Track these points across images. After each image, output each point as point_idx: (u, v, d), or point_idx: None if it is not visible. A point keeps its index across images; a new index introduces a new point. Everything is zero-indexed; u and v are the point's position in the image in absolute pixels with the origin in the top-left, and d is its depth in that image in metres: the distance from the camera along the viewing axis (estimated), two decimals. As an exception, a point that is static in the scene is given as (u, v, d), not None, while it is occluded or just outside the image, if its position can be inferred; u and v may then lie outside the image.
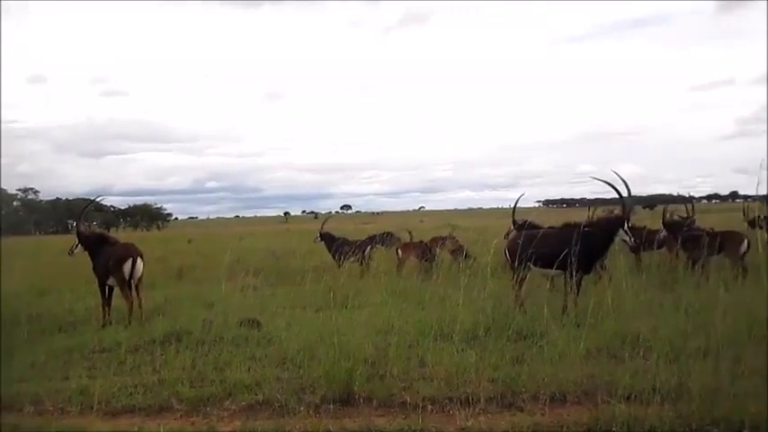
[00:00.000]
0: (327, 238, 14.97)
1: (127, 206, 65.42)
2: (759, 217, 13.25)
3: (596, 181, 8.55)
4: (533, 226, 11.94)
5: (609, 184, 8.65)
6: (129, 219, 63.67)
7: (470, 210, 65.75)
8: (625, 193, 8.44)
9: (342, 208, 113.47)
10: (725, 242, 9.88)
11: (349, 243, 14.48)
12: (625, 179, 8.47)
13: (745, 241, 9.85)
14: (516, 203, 12.33)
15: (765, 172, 5.45)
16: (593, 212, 14.67)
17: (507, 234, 12.90)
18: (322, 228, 15.28)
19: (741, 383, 4.52)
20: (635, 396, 4.58)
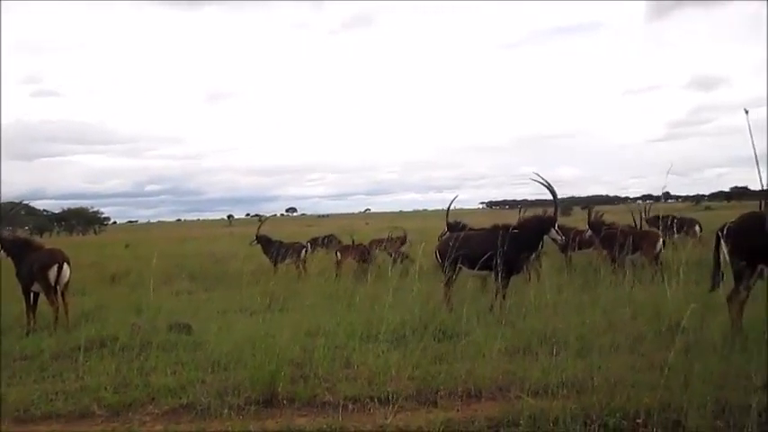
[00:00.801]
0: (264, 241, 14.96)
1: (61, 210, 63.37)
2: (659, 217, 14.06)
3: (537, 182, 8.81)
4: (465, 227, 12.31)
5: (544, 185, 8.94)
6: (63, 223, 61.54)
7: (416, 211, 66.13)
8: (559, 195, 8.81)
9: (287, 211, 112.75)
10: (641, 241, 10.35)
11: (285, 246, 14.51)
12: (560, 181, 8.88)
13: (660, 241, 10.34)
14: (450, 206, 12.68)
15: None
16: (524, 213, 15.19)
17: (441, 236, 13.20)
18: (258, 231, 15.24)
19: (640, 376, 4.80)
20: (544, 390, 4.81)
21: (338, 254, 15.21)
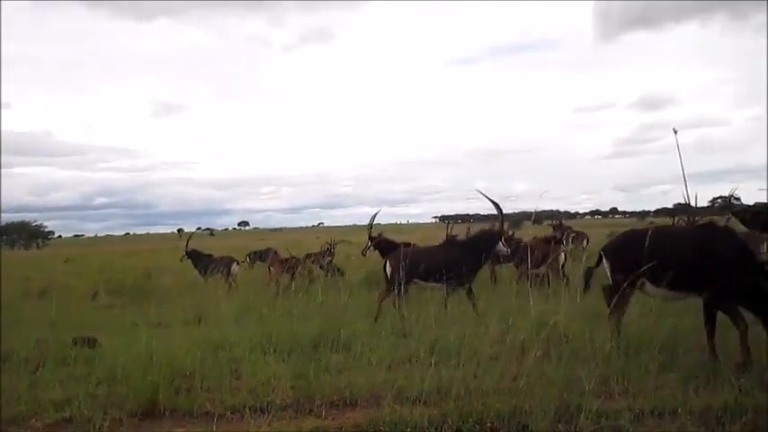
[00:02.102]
0: (194, 256, 14.96)
1: (3, 224, 61.44)
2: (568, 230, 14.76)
3: (489, 196, 9.19)
4: (388, 241, 12.62)
5: (489, 200, 9.38)
6: (4, 237, 59.74)
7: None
8: (511, 209, 9.24)
9: (239, 224, 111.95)
10: (546, 255, 10.75)
11: (214, 260, 14.55)
12: (513, 195, 9.35)
13: (563, 254, 10.74)
14: (373, 219, 13.05)
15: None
16: (469, 228, 15.68)
17: (365, 250, 13.46)
18: (187, 246, 15.24)
19: (503, 384, 5.05)
20: (417, 398, 5.01)
21: (271, 267, 15.35)
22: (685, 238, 6.32)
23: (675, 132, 19.72)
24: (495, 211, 9.38)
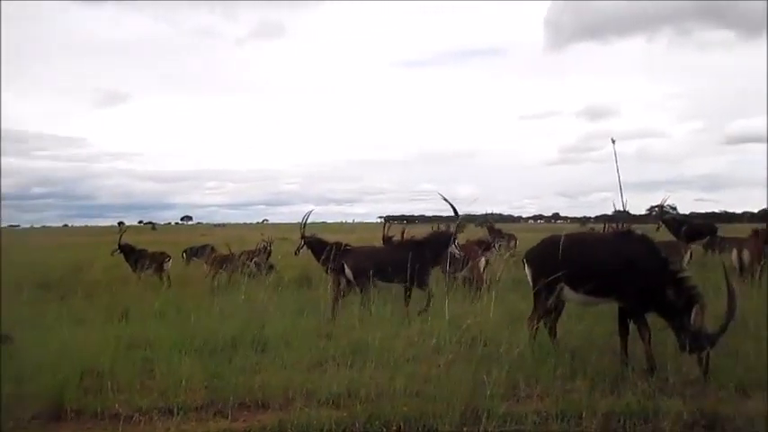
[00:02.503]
0: (126, 250, 14.56)
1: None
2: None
3: (434, 198, 9.35)
4: (320, 241, 12.60)
5: (448, 202, 9.48)
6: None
7: (314, 223, 65.65)
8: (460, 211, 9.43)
9: (182, 219, 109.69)
10: (469, 259, 10.86)
11: (147, 255, 14.20)
12: (458, 198, 9.61)
13: (483, 259, 10.90)
14: (306, 219, 13.04)
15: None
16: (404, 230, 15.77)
17: (298, 249, 13.39)
18: (120, 239, 14.81)
19: (414, 386, 5.09)
20: (331, 400, 5.01)
21: (207, 264, 15.11)
22: (603, 244, 6.49)
23: (613, 142, 20.17)
24: (439, 213, 9.57)
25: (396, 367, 5.57)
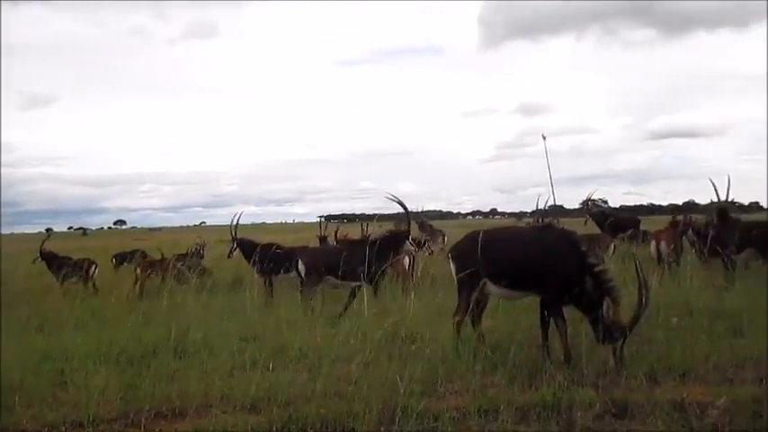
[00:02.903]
0: (48, 258, 13.99)
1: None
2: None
3: (375, 196, 9.49)
4: (251, 242, 12.46)
5: (397, 201, 9.59)
6: None
7: (254, 225, 65.01)
8: (389, 210, 9.49)
9: (115, 223, 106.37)
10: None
11: (71, 263, 13.68)
12: (398, 196, 9.61)
13: (407, 258, 10.97)
14: (238, 221, 12.92)
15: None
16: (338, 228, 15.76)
17: (231, 252, 13.19)
18: (42, 247, 14.22)
19: (334, 387, 5.06)
20: (252, 405, 4.92)
21: (138, 269, 14.68)
22: (523, 239, 6.57)
23: (544, 138, 20.57)
24: (381, 211, 9.62)
25: (317, 368, 5.52)
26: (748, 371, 5.43)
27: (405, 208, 9.65)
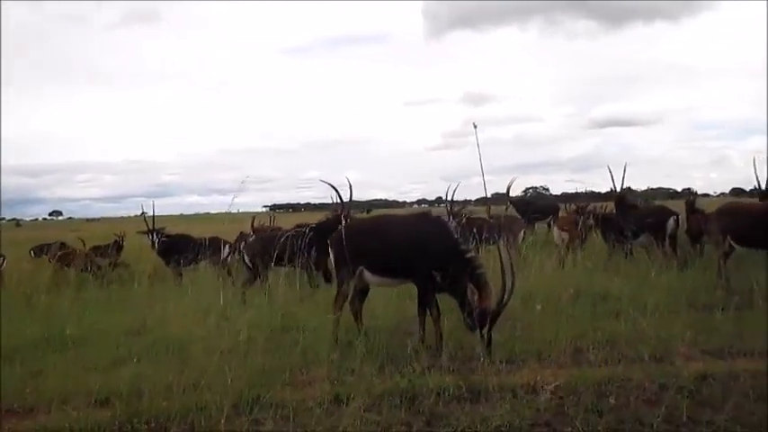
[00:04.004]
0: (-49, 250, 13.47)
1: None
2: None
3: (320, 186, 9.44)
4: (161, 233, 12.29)
5: (333, 188, 9.69)
6: None
7: (198, 215, 64.04)
8: (346, 198, 9.63)
9: (51, 214, 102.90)
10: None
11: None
12: (345, 185, 9.84)
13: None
14: (152, 213, 12.73)
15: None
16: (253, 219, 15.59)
17: (153, 243, 12.93)
18: (-57, 239, 13.66)
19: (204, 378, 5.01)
20: (105, 400, 4.85)
21: (51, 262, 14.33)
22: (398, 227, 6.59)
23: (475, 127, 20.84)
24: (326, 200, 9.65)
25: (191, 360, 5.45)
26: (608, 352, 5.66)
27: (340, 196, 9.68)
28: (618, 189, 11.44)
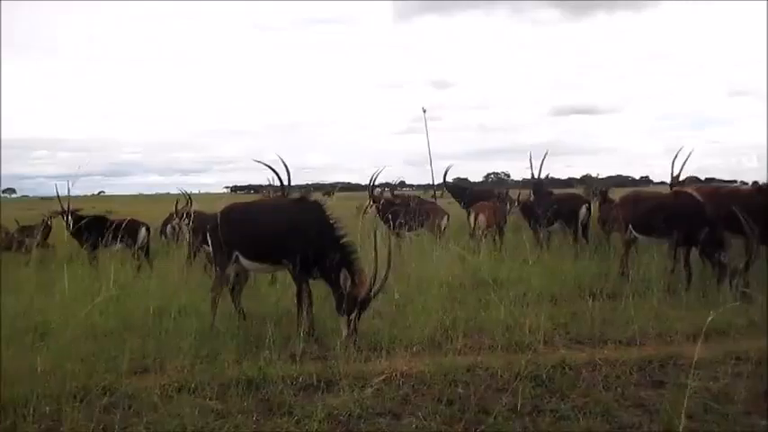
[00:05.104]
0: None
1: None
2: None
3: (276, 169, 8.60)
4: (79, 216, 12.01)
5: (270, 168, 8.69)
6: None
7: (158, 195, 63.03)
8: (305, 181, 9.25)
9: (4, 191, 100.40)
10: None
11: None
12: (308, 167, 9.68)
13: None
14: (69, 191, 12.40)
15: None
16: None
17: (68, 225, 12.58)
18: None
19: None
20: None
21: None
22: (272, 212, 6.51)
23: (424, 111, 20.67)
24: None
25: (54, 346, 5.30)
26: (476, 340, 5.69)
27: (279, 177, 9.28)
28: (537, 176, 11.50)
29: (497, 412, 4.27)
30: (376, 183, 13.69)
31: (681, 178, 9.08)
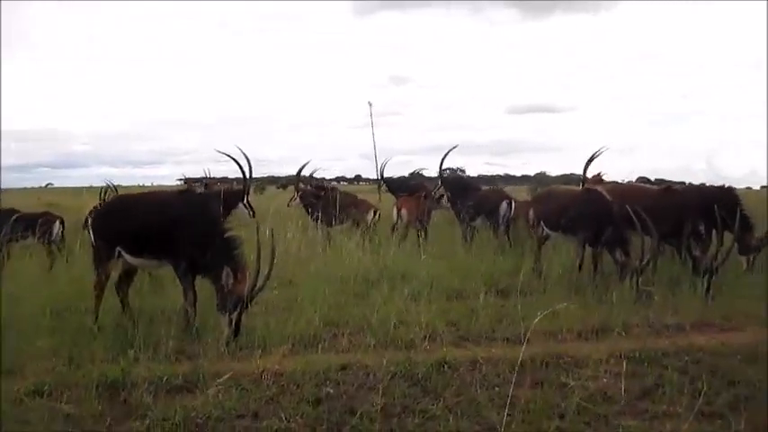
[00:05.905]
0: None
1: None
2: None
3: (238, 160, 9.03)
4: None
5: (234, 160, 9.07)
6: None
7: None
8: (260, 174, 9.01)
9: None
10: None
11: None
12: (265, 160, 9.28)
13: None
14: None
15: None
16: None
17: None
18: None
19: None
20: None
21: None
22: (155, 206, 6.23)
23: (370, 105, 20.63)
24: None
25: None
26: (359, 338, 5.62)
27: (242, 169, 9.18)
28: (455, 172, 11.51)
29: (364, 413, 4.19)
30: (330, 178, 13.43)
31: (633, 178, 9.27)
